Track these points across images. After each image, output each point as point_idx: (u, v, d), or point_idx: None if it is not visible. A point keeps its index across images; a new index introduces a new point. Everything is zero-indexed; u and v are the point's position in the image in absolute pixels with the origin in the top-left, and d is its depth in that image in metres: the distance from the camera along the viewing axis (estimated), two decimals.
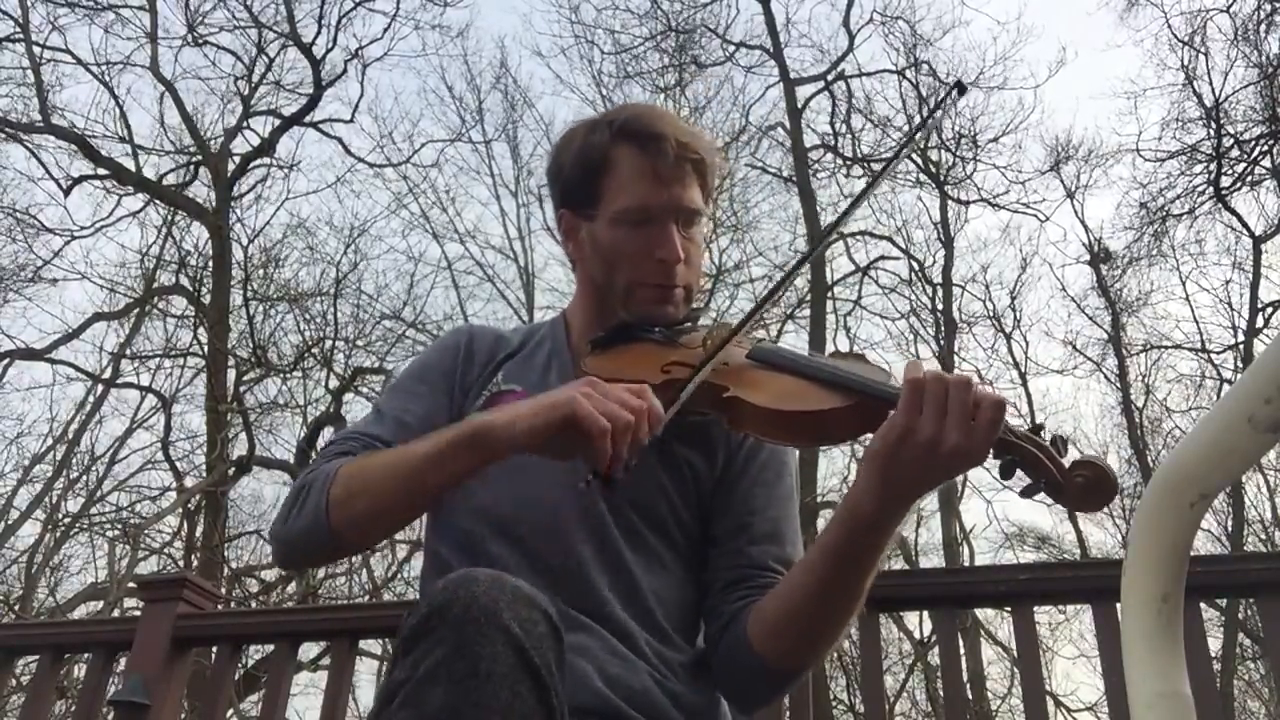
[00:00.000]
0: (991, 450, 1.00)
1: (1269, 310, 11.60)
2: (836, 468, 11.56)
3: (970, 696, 9.02)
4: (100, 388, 11.49)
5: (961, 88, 1.32)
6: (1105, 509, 1.01)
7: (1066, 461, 0.99)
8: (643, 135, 1.26)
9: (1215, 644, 9.54)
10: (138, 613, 2.74)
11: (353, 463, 1.18)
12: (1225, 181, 11.13)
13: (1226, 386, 11.29)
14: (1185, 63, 11.32)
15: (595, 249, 1.30)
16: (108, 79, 11.06)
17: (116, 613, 8.54)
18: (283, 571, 10.33)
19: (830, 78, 12.51)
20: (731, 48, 12.70)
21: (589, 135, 1.30)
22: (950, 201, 12.81)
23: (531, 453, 1.04)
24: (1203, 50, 11.19)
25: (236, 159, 11.41)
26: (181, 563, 9.88)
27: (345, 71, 11.51)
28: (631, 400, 1.01)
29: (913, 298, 12.91)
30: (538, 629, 0.88)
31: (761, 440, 1.24)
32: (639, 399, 1.01)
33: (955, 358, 12.36)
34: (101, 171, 11.06)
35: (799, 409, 1.09)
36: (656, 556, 1.23)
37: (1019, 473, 1.00)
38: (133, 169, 11.11)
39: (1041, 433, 1.01)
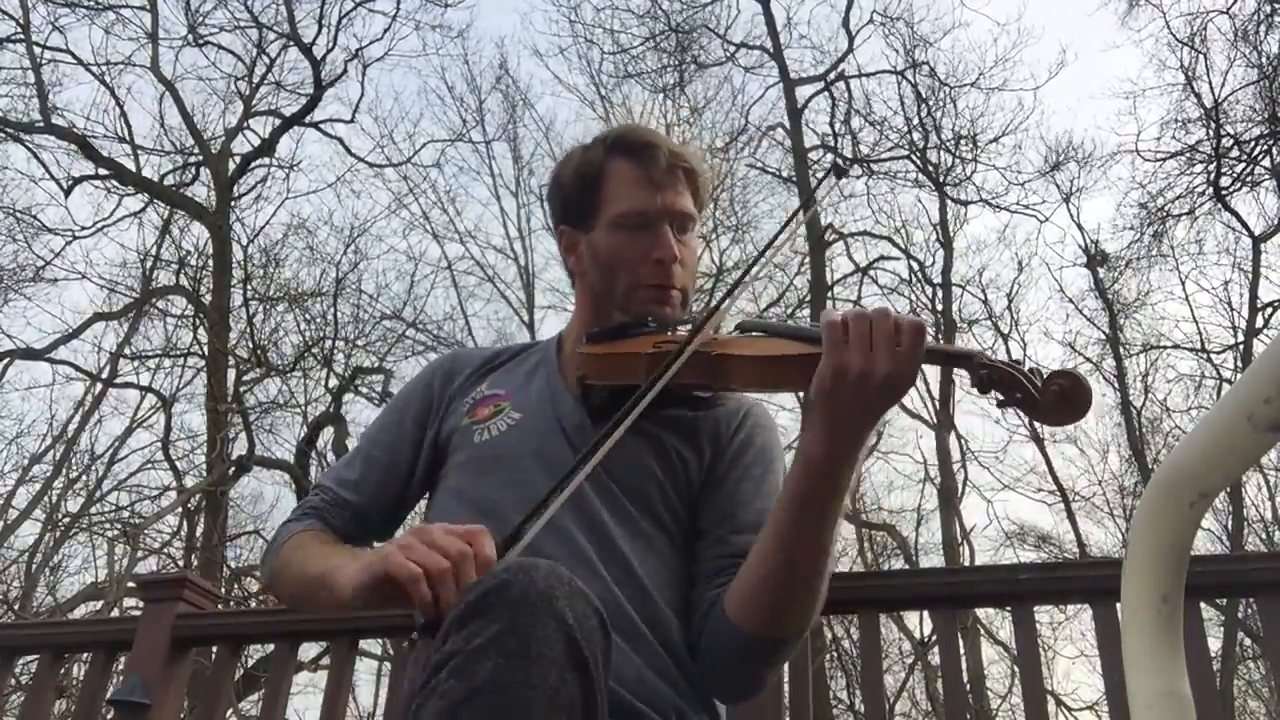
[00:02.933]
0: (968, 374, 1.05)
1: (1269, 310, 11.60)
2: None
3: (970, 696, 9.02)
4: (99, 387, 11.50)
5: (840, 170, 1.40)
6: (1078, 422, 1.04)
7: (1040, 382, 1.03)
8: (635, 146, 1.35)
9: (1215, 644, 9.54)
10: (138, 613, 2.74)
11: (293, 541, 1.29)
12: (1225, 181, 11.13)
13: (1226, 386, 11.29)
14: (1185, 63, 11.33)
15: (594, 257, 1.37)
16: (108, 79, 11.09)
17: (116, 613, 8.54)
18: None
19: (830, 78, 12.53)
20: (731, 48, 12.73)
21: (585, 153, 1.39)
22: (950, 202, 12.83)
23: (368, 607, 1.06)
24: (1202, 51, 11.20)
25: (237, 159, 11.43)
26: (181, 562, 9.88)
27: (345, 72, 11.53)
28: (453, 545, 0.95)
29: (912, 298, 12.93)
30: (589, 623, 0.89)
31: (745, 391, 1.31)
32: (464, 543, 0.95)
33: None
34: (102, 171, 11.07)
35: (775, 354, 1.17)
36: (646, 539, 1.25)
37: (994, 392, 1.04)
38: (133, 169, 11.13)
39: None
